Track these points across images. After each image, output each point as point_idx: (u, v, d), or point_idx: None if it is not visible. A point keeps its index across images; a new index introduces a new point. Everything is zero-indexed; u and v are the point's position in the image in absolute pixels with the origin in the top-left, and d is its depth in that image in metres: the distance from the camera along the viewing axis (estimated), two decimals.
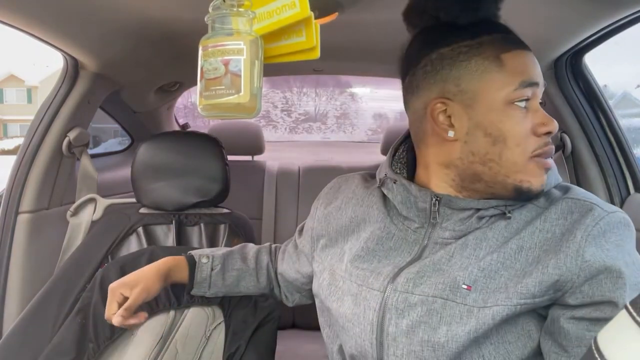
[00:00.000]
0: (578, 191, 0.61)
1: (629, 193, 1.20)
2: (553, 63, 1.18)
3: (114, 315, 0.74)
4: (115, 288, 0.77)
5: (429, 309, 0.58)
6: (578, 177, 1.27)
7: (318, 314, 0.76)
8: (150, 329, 0.88)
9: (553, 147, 0.60)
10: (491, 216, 0.61)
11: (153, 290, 0.78)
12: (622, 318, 0.32)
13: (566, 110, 1.22)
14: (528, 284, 0.55)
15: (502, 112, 0.58)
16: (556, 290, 0.55)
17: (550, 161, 0.61)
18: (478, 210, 0.60)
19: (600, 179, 1.20)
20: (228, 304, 0.91)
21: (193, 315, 0.90)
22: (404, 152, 0.73)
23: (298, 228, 0.87)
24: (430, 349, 0.58)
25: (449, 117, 0.61)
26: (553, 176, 0.63)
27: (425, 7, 0.63)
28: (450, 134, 0.61)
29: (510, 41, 0.60)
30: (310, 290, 0.80)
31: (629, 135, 1.22)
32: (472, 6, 0.60)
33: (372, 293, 0.63)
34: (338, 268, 0.69)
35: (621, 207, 1.16)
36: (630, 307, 0.32)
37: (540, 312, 0.58)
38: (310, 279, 0.79)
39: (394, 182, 0.66)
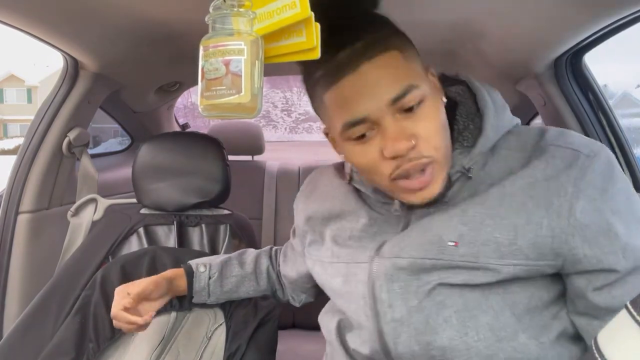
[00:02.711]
0: (554, 134, 0.59)
1: None
2: (553, 63, 1.18)
3: (121, 308, 0.74)
4: (122, 287, 0.78)
5: (419, 269, 0.58)
6: None
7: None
8: (152, 331, 0.88)
9: (412, 165, 0.54)
10: (459, 178, 0.59)
11: (160, 286, 0.79)
12: (622, 318, 0.32)
13: (566, 110, 1.22)
14: (522, 246, 0.54)
15: (346, 147, 0.59)
16: (555, 255, 0.54)
17: (427, 176, 0.56)
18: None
19: None
20: (229, 305, 0.91)
21: (195, 317, 0.91)
22: None
23: (292, 230, 0.88)
24: (428, 300, 0.57)
25: (334, 144, 0.66)
26: (505, 119, 0.61)
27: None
28: (341, 156, 0.65)
29: (333, 71, 0.54)
30: (314, 287, 0.82)
31: (629, 135, 1.22)
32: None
33: (359, 267, 0.63)
34: (325, 256, 0.69)
35: None
36: (630, 307, 0.32)
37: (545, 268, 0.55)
38: (310, 277, 0.79)
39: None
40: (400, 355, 0.59)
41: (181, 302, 0.90)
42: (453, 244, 0.56)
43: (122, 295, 0.76)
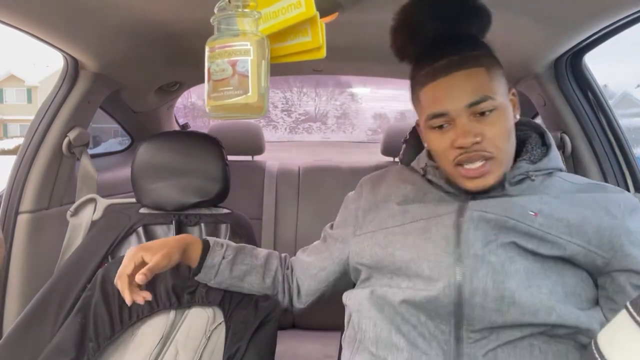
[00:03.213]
0: (609, 185, 0.77)
1: None
2: (553, 63, 1.18)
3: (129, 273, 0.74)
4: (136, 250, 0.77)
5: (502, 226, 0.69)
6: None
7: (362, 291, 0.79)
8: (151, 329, 0.88)
9: (475, 154, 0.69)
10: (523, 180, 0.73)
11: (174, 259, 0.79)
12: (622, 318, 0.32)
13: (566, 110, 1.22)
14: (587, 231, 0.67)
15: (429, 135, 0.75)
16: (610, 247, 0.67)
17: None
18: (504, 179, 0.72)
19: (600, 178, 1.19)
20: (229, 305, 0.91)
21: (194, 316, 0.90)
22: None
23: (327, 228, 0.93)
24: (502, 251, 0.67)
25: (422, 132, 0.81)
26: (554, 160, 0.76)
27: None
28: (425, 143, 0.82)
29: (431, 74, 0.71)
30: (325, 289, 0.89)
31: (629, 135, 1.21)
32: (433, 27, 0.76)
33: (443, 217, 0.73)
34: (393, 220, 0.77)
35: None
36: (630, 307, 0.32)
37: (580, 269, 0.68)
38: (339, 264, 0.86)
39: (436, 169, 0.79)
40: (474, 290, 0.66)
41: (179, 298, 0.89)
42: (533, 214, 0.68)
43: (136, 259, 0.76)
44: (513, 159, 0.75)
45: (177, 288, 0.91)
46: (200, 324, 0.90)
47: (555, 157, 0.76)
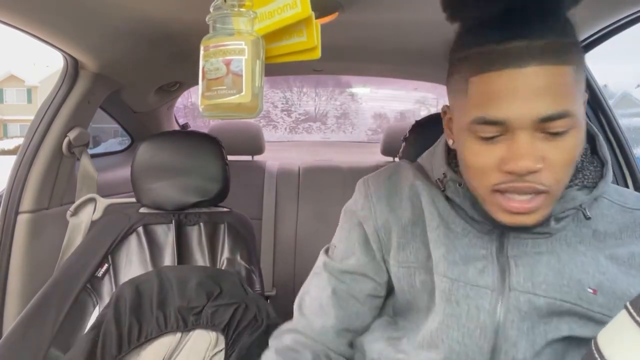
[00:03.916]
0: None
1: None
2: None
3: None
4: None
5: (553, 312, 0.53)
6: None
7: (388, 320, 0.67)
8: (155, 351, 0.87)
9: (526, 185, 0.49)
10: (573, 215, 0.56)
11: None
12: (622, 318, 0.32)
13: None
14: None
15: (466, 141, 0.53)
16: None
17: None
18: (550, 215, 0.55)
19: None
20: (234, 329, 0.87)
21: (196, 339, 0.89)
22: None
23: (328, 262, 0.69)
24: (553, 353, 0.53)
25: (450, 124, 0.59)
26: (609, 179, 0.58)
27: None
28: (450, 142, 0.60)
29: (495, 57, 0.48)
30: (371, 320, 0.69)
31: (629, 135, 1.21)
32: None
33: (480, 292, 0.55)
34: (424, 265, 0.61)
35: None
36: (630, 307, 0.32)
37: None
38: (376, 300, 0.68)
39: (459, 185, 0.59)
40: None
41: (185, 320, 0.89)
42: (592, 291, 0.52)
43: None
44: None
45: (183, 310, 0.90)
46: (200, 349, 0.88)
47: (610, 176, 0.57)
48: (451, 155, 0.63)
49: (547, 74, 0.46)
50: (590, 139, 0.61)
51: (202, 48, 0.51)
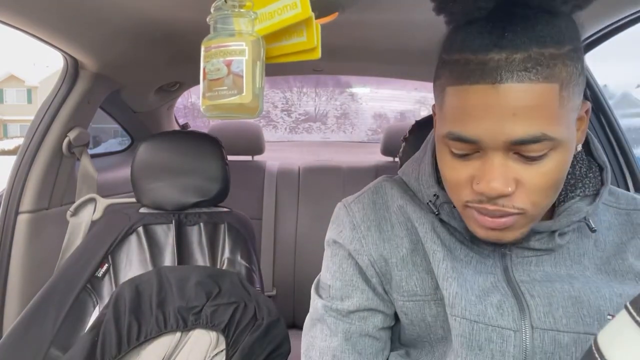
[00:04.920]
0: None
1: None
2: None
3: None
4: None
5: (584, 349, 0.49)
6: None
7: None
8: (154, 352, 0.87)
9: (496, 209, 0.46)
10: (577, 229, 0.54)
11: None
12: (623, 318, 0.32)
13: None
14: None
15: (442, 151, 0.50)
16: None
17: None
18: (554, 231, 0.52)
19: None
20: (234, 329, 0.87)
21: (196, 339, 0.89)
22: None
23: (333, 301, 0.61)
24: None
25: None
26: (608, 185, 0.55)
27: None
28: None
29: (472, 69, 0.43)
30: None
31: (629, 135, 1.22)
32: None
33: (501, 333, 0.50)
34: (433, 297, 0.56)
35: None
36: (630, 307, 0.31)
37: None
38: (389, 320, 0.62)
39: (453, 207, 0.54)
40: None
41: (185, 320, 0.89)
42: (611, 317, 0.47)
43: None
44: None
45: (182, 310, 0.90)
46: (201, 349, 0.88)
47: (609, 182, 0.55)
48: (439, 174, 0.57)
49: (526, 92, 0.42)
50: (585, 141, 0.57)
51: (203, 49, 0.51)
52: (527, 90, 0.42)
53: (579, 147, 0.54)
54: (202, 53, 0.51)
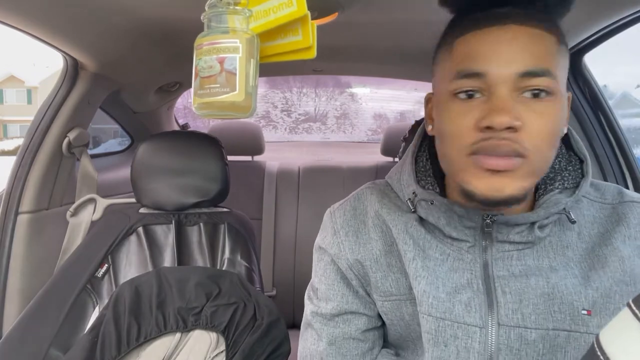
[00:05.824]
0: (632, 193, 0.57)
1: None
2: None
3: None
4: None
5: (552, 345, 0.49)
6: None
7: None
8: (155, 351, 0.87)
9: (505, 142, 0.47)
10: (556, 221, 0.54)
11: None
12: (625, 316, 0.31)
13: None
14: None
15: (445, 106, 0.51)
16: None
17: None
18: (534, 222, 0.53)
19: (600, 179, 1.19)
20: (234, 330, 0.87)
21: (196, 340, 0.89)
22: (427, 159, 0.62)
23: (319, 304, 0.64)
24: None
25: (432, 110, 0.57)
26: (589, 178, 0.56)
27: None
28: (429, 128, 0.58)
29: (480, 19, 0.49)
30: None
31: (629, 135, 1.21)
32: None
33: (466, 330, 0.52)
34: (408, 297, 0.58)
35: None
36: (632, 305, 0.31)
37: None
38: (374, 321, 0.63)
39: (431, 203, 0.56)
40: None
41: (185, 321, 0.89)
42: (586, 312, 0.49)
43: None
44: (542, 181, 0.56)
45: (182, 311, 0.90)
46: (201, 350, 0.87)
47: (590, 174, 0.56)
48: (420, 173, 0.61)
49: (529, 35, 0.48)
50: (565, 136, 0.58)
51: (195, 46, 0.50)
52: (532, 32, 0.48)
53: (565, 130, 0.55)
54: (195, 50, 0.50)
